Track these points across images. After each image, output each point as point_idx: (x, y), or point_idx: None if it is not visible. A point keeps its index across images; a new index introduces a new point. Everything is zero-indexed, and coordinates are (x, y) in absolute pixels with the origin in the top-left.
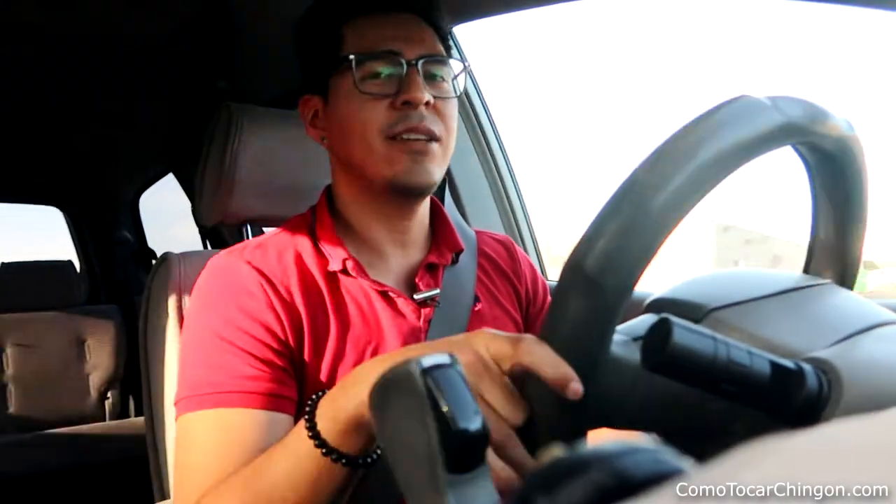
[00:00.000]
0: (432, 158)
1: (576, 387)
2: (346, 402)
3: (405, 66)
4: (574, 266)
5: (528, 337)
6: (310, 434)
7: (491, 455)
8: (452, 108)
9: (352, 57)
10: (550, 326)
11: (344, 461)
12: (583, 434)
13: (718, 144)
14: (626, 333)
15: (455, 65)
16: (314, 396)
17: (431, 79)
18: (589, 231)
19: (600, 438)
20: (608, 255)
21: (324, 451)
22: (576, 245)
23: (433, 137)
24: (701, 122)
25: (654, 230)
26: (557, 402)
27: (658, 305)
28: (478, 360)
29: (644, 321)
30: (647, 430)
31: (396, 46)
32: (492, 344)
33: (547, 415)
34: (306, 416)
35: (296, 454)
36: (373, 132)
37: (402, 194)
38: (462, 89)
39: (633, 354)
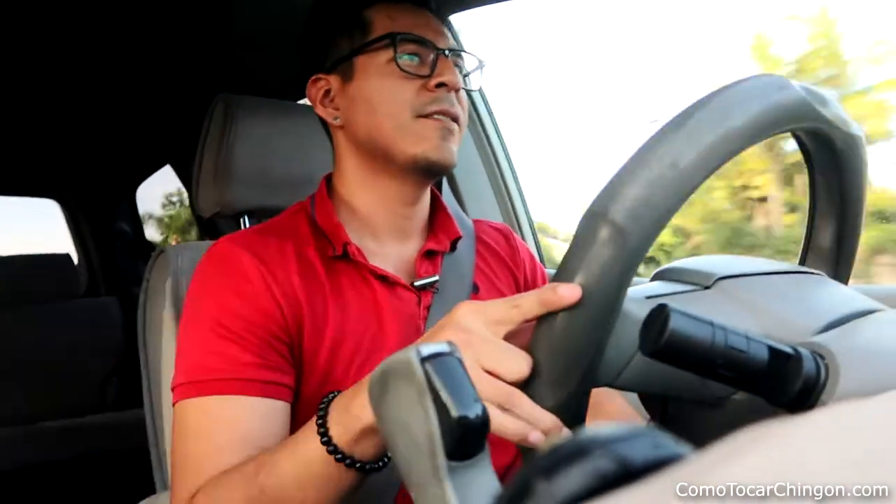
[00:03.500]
0: (455, 140)
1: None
2: (359, 411)
3: (437, 53)
4: (598, 210)
5: (523, 295)
6: (323, 440)
7: (500, 415)
8: (466, 99)
9: (390, 36)
10: (572, 261)
11: (357, 466)
12: (589, 390)
13: (747, 111)
14: (639, 293)
15: (469, 60)
16: (324, 400)
17: (456, 69)
18: (615, 179)
19: (600, 423)
20: (634, 203)
21: (337, 457)
22: (600, 192)
23: (457, 121)
24: (730, 88)
25: (680, 186)
26: (568, 351)
27: (668, 273)
28: (464, 331)
29: (654, 286)
30: (650, 392)
31: (429, 35)
32: (482, 314)
33: (557, 368)
34: (318, 421)
35: (306, 457)
36: (404, 109)
37: (424, 173)
38: (480, 84)
39: (644, 311)
